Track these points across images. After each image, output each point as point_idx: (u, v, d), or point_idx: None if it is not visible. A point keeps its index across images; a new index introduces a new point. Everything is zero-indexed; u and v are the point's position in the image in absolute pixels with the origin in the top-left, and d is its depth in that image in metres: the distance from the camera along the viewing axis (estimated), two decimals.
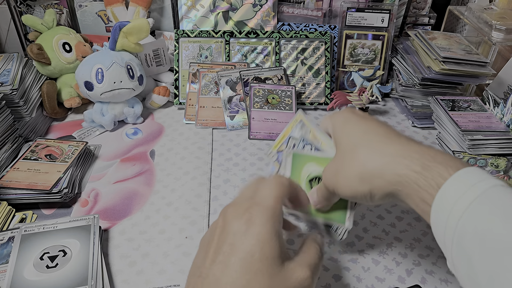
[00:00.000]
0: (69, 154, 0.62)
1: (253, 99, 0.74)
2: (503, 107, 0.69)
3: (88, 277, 0.45)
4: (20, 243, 0.48)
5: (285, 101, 0.74)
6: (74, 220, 0.51)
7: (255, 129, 0.72)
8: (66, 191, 0.56)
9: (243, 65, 0.81)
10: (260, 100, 0.74)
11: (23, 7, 0.83)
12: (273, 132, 0.71)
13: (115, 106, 0.72)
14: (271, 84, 0.76)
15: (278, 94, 0.74)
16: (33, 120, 0.70)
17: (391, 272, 0.49)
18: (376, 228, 0.55)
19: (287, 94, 0.75)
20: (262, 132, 0.72)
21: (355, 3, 0.82)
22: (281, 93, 0.75)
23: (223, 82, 0.73)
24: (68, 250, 0.48)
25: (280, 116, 0.73)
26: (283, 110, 0.73)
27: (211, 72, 0.78)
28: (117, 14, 0.82)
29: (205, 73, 0.77)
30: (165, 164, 0.66)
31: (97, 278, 0.45)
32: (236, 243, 0.32)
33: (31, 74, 0.73)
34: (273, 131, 0.72)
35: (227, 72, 0.74)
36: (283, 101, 0.74)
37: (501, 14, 0.81)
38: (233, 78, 0.74)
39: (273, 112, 0.73)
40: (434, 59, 0.76)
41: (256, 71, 0.77)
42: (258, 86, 0.74)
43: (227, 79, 0.73)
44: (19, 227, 0.50)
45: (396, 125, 0.78)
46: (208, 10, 0.83)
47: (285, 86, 0.76)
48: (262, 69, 0.77)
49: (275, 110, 0.73)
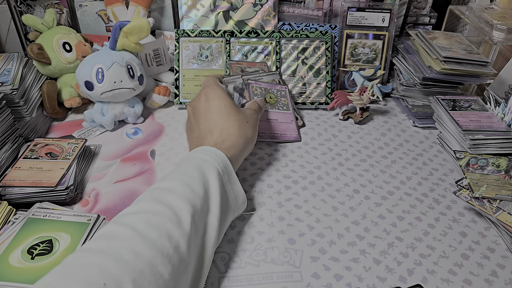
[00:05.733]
0: (70, 152, 0.62)
1: (252, 97, 0.73)
2: (504, 107, 0.69)
3: None
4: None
5: (281, 101, 0.74)
6: (77, 215, 0.51)
7: (260, 129, 0.69)
8: (72, 188, 0.56)
9: (263, 64, 0.81)
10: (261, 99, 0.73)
11: (23, 7, 0.83)
12: (277, 133, 0.71)
13: (115, 106, 0.72)
14: (266, 83, 0.75)
15: (274, 94, 0.74)
16: (33, 120, 0.70)
17: (392, 272, 0.49)
18: (377, 228, 0.55)
19: (281, 94, 0.75)
20: (267, 132, 0.71)
21: (355, 2, 0.82)
22: (276, 92, 0.74)
23: (230, 88, 0.70)
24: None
25: (280, 117, 0.72)
26: (281, 110, 0.73)
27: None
28: (118, 13, 0.82)
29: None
30: (165, 164, 0.66)
31: None
32: (206, 111, 0.58)
33: (31, 74, 0.73)
34: (277, 131, 0.71)
35: (231, 78, 0.72)
36: (280, 101, 0.73)
37: (502, 13, 0.81)
38: (238, 84, 0.71)
39: (273, 112, 0.72)
40: (435, 59, 0.76)
41: (255, 75, 0.75)
42: (255, 84, 0.73)
43: (234, 85, 0.70)
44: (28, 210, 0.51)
45: (397, 125, 0.78)
46: (208, 9, 0.83)
47: (279, 85, 0.75)
48: (260, 74, 0.76)
49: (274, 110, 0.73)
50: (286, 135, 0.71)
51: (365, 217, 0.57)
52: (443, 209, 0.59)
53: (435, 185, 0.64)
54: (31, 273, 0.44)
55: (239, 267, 0.49)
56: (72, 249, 0.47)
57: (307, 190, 0.61)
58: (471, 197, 0.57)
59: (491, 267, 0.50)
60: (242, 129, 0.57)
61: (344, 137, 0.74)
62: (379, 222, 0.56)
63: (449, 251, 0.52)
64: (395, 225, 0.56)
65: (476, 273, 0.49)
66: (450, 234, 0.55)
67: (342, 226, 0.55)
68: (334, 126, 0.77)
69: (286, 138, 0.71)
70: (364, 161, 0.68)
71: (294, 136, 0.72)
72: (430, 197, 0.61)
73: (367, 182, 0.64)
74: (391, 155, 0.70)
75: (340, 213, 0.58)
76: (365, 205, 0.59)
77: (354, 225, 0.56)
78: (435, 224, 0.56)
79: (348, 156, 0.69)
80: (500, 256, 0.52)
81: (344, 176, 0.65)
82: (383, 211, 0.58)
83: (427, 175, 0.66)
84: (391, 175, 0.65)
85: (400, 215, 0.58)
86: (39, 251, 0.47)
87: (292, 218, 0.56)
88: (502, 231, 0.54)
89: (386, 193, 0.62)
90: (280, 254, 0.51)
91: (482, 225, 0.56)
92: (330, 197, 0.60)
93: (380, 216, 0.57)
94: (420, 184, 0.64)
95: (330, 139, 0.73)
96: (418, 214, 0.58)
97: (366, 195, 0.61)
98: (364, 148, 0.71)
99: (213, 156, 0.52)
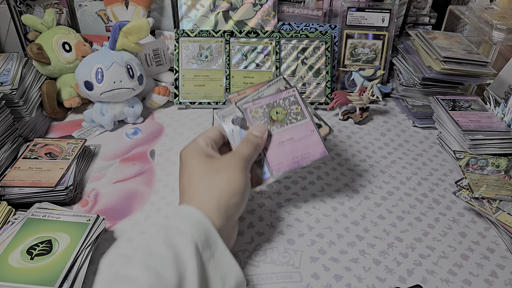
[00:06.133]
0: (69, 152, 0.62)
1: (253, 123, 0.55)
2: (504, 107, 0.69)
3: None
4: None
5: (292, 110, 0.55)
6: (77, 215, 0.51)
7: (274, 161, 0.52)
8: (71, 188, 0.56)
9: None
10: (264, 123, 0.54)
11: (23, 7, 0.83)
12: (298, 156, 0.53)
13: (115, 106, 0.72)
14: (267, 97, 0.55)
15: (281, 105, 0.55)
16: (33, 120, 0.70)
17: (392, 272, 0.49)
18: (377, 228, 0.55)
19: (290, 101, 0.55)
20: (284, 161, 0.52)
21: (355, 2, 0.82)
22: (283, 102, 0.55)
23: (228, 123, 0.54)
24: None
25: (296, 132, 0.54)
26: (295, 122, 0.54)
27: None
28: (117, 13, 0.82)
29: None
30: (165, 164, 0.66)
31: (69, 280, 0.44)
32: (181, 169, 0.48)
33: (31, 74, 0.73)
34: (297, 153, 0.53)
35: (226, 111, 0.55)
36: (290, 111, 0.55)
37: (502, 13, 0.81)
38: (236, 115, 0.54)
39: (285, 131, 0.54)
40: (434, 59, 0.76)
41: (254, 94, 0.56)
42: (252, 104, 0.55)
43: (232, 118, 0.54)
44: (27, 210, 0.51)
45: (396, 125, 0.78)
46: (208, 9, 0.83)
47: (284, 91, 0.56)
48: (260, 90, 0.56)
49: (286, 126, 0.54)
50: (309, 153, 0.53)
51: (365, 218, 0.57)
52: (442, 210, 0.59)
53: (434, 185, 0.64)
54: (30, 273, 0.44)
55: None
56: (71, 249, 0.47)
57: (306, 191, 0.61)
58: (471, 197, 0.57)
59: (490, 267, 0.50)
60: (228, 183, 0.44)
61: (344, 137, 0.74)
62: (378, 222, 0.56)
63: (449, 252, 0.52)
64: (395, 225, 0.56)
65: (476, 274, 0.49)
66: (449, 234, 0.55)
67: (342, 226, 0.55)
68: (334, 126, 0.77)
69: (311, 159, 0.53)
70: (364, 161, 0.68)
71: (319, 151, 0.53)
72: (429, 198, 0.61)
73: (366, 183, 0.63)
74: (390, 155, 0.70)
75: (340, 214, 0.58)
76: (365, 205, 0.59)
77: (354, 226, 0.56)
78: (435, 225, 0.56)
79: (348, 156, 0.69)
80: (499, 257, 0.52)
81: (343, 176, 0.65)
82: (382, 212, 0.58)
83: (427, 175, 0.66)
84: (391, 175, 0.65)
85: (400, 216, 0.58)
86: (38, 251, 0.47)
87: (292, 218, 0.56)
88: (502, 232, 0.54)
89: (386, 193, 0.62)
90: (279, 254, 0.51)
91: (481, 226, 0.56)
92: (329, 197, 0.60)
93: (379, 217, 0.57)
94: (419, 185, 0.64)
95: (330, 139, 0.73)
96: (418, 215, 0.58)
97: (365, 195, 0.61)
98: (364, 148, 0.71)
99: (190, 222, 0.40)
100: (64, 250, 0.47)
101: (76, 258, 0.46)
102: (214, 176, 0.44)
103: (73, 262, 0.46)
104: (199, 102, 0.80)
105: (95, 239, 0.49)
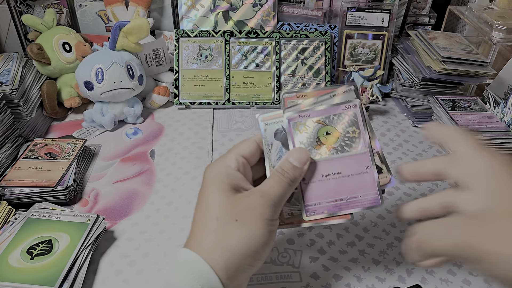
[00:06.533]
0: (70, 152, 0.62)
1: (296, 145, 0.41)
2: (504, 107, 0.69)
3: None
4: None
5: (348, 133, 0.40)
6: (77, 215, 0.51)
7: (311, 199, 0.40)
8: (71, 188, 0.56)
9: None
10: (308, 144, 0.40)
11: (23, 7, 0.83)
12: (342, 198, 0.40)
13: (115, 106, 0.72)
14: (322, 109, 0.41)
15: (334, 124, 0.41)
16: (33, 120, 0.70)
17: (392, 272, 0.49)
18: (376, 228, 0.55)
19: (349, 119, 0.41)
20: (324, 201, 0.40)
21: (355, 2, 0.82)
22: (338, 120, 0.41)
23: (270, 134, 0.42)
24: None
25: (346, 165, 0.40)
26: (348, 151, 0.40)
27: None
28: (117, 13, 0.82)
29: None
30: (165, 164, 0.66)
31: (70, 280, 0.44)
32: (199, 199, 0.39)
33: (31, 74, 0.73)
34: (341, 194, 0.40)
35: (273, 114, 0.42)
36: (346, 135, 0.40)
37: (502, 14, 0.81)
38: (284, 124, 0.41)
39: (333, 161, 0.40)
40: (434, 59, 0.76)
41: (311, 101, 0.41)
42: (300, 117, 0.41)
43: (276, 130, 0.42)
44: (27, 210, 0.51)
45: (396, 125, 0.78)
46: (208, 9, 0.83)
47: (342, 105, 0.41)
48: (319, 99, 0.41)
49: (335, 155, 0.40)
50: (357, 198, 0.40)
51: (364, 217, 0.57)
52: None
53: (434, 185, 0.64)
54: (30, 273, 0.44)
55: None
56: (71, 249, 0.47)
57: None
58: None
59: None
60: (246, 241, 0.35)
61: None
62: (378, 222, 0.56)
63: None
64: (394, 225, 0.56)
65: (475, 273, 0.50)
66: None
67: (341, 226, 0.55)
68: None
69: (358, 205, 0.40)
70: None
71: (371, 197, 0.40)
72: None
73: None
74: (390, 155, 0.70)
75: None
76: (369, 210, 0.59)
77: (353, 226, 0.56)
78: None
79: None
80: None
81: None
82: (382, 211, 0.58)
83: None
84: None
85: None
86: (38, 251, 0.47)
87: None
88: None
89: (386, 193, 0.62)
90: (279, 254, 0.51)
91: None
92: None
93: (379, 217, 0.57)
94: (419, 184, 0.64)
95: None
96: None
97: None
98: None
99: (194, 277, 0.33)
100: (64, 250, 0.47)
101: (76, 258, 0.46)
102: (230, 228, 0.35)
103: (73, 262, 0.46)
104: (199, 102, 0.80)
105: (95, 239, 0.49)
